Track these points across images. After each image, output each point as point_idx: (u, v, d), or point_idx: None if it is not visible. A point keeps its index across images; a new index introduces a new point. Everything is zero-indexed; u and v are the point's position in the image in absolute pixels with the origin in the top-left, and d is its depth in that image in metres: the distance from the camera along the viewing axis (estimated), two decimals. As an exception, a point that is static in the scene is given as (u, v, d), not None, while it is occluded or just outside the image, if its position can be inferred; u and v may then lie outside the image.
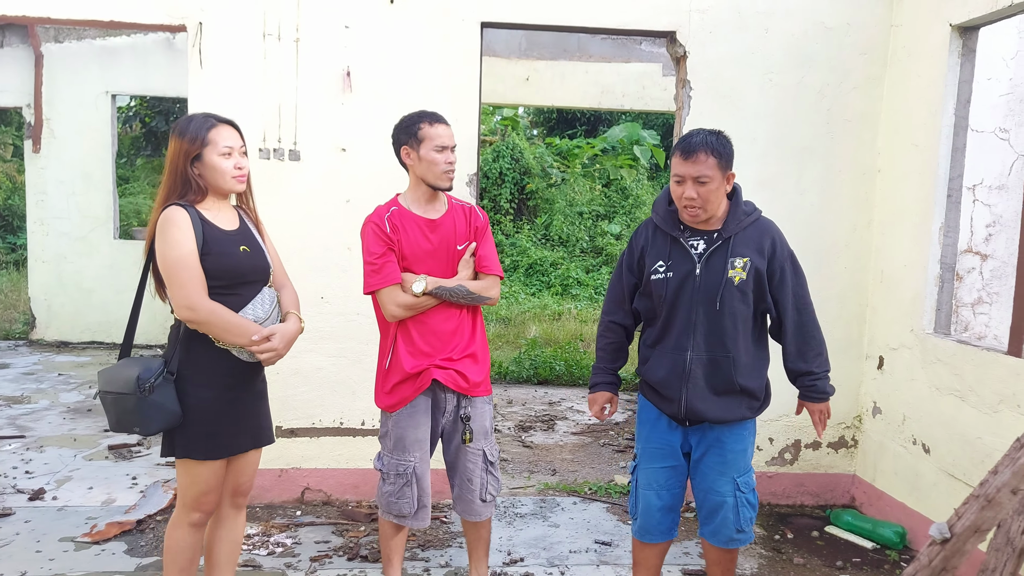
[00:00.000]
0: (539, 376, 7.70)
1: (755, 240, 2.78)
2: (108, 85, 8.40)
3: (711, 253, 2.76)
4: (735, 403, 2.81)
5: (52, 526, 3.96)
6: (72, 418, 5.86)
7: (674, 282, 2.77)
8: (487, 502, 3.14)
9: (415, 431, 3.01)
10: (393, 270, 2.94)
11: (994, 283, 4.45)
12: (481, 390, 3.10)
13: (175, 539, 2.74)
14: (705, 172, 2.67)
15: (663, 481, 2.91)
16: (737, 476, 2.83)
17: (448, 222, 3.06)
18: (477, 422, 3.09)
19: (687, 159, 2.68)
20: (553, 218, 13.76)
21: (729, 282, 2.72)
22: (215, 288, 2.59)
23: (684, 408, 2.79)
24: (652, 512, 2.92)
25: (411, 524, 3.08)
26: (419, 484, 3.02)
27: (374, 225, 2.98)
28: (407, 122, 3.03)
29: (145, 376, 2.55)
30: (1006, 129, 4.36)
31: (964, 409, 3.64)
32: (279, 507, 4.30)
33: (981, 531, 2.71)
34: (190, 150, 2.60)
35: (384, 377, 3.05)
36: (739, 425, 2.85)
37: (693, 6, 4.25)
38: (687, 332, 2.77)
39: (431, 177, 2.99)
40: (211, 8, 4.07)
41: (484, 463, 3.11)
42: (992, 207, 4.41)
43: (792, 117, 4.35)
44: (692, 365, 2.77)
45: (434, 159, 2.96)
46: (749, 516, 2.86)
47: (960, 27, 3.83)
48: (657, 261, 2.82)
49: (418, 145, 2.98)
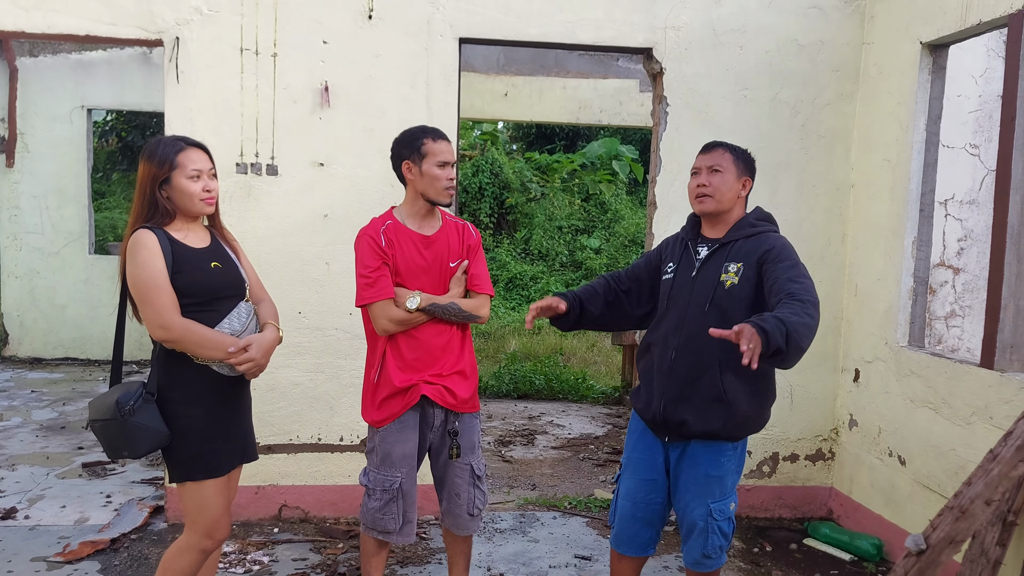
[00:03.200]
0: (519, 390, 7.69)
1: (754, 249, 2.76)
2: (83, 99, 8.34)
3: (708, 257, 2.83)
4: (715, 414, 2.71)
5: (24, 546, 3.89)
6: (45, 436, 5.77)
7: (674, 283, 2.87)
8: (474, 516, 3.13)
9: (403, 446, 3.00)
10: (387, 284, 2.93)
11: (966, 296, 4.51)
12: (469, 406, 3.10)
13: (182, 564, 2.68)
14: (719, 162, 2.82)
15: (641, 494, 2.90)
16: (712, 502, 2.77)
17: (442, 238, 3.06)
18: (465, 437, 3.08)
19: (706, 153, 2.86)
20: (533, 232, 13.80)
21: (720, 285, 2.75)
22: (190, 305, 2.58)
23: (662, 408, 2.77)
24: (626, 521, 2.92)
25: (396, 540, 3.05)
26: (405, 500, 3.01)
27: (369, 238, 2.96)
28: (409, 137, 3.02)
29: (124, 400, 2.55)
30: (976, 145, 4.44)
31: (938, 421, 3.68)
32: (256, 524, 4.25)
33: (956, 542, 2.74)
34: (158, 174, 2.60)
35: (373, 391, 3.03)
36: (717, 447, 2.77)
37: (669, 23, 4.30)
38: (676, 331, 2.81)
39: (432, 192, 2.98)
40: (188, 23, 4.06)
41: (471, 477, 3.10)
42: (964, 221, 4.48)
43: (767, 133, 4.41)
44: (676, 364, 2.78)
45: (436, 175, 2.96)
46: (718, 544, 2.80)
47: (930, 45, 3.90)
48: (669, 262, 2.95)
49: (420, 160, 2.96)
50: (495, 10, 4.21)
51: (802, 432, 4.57)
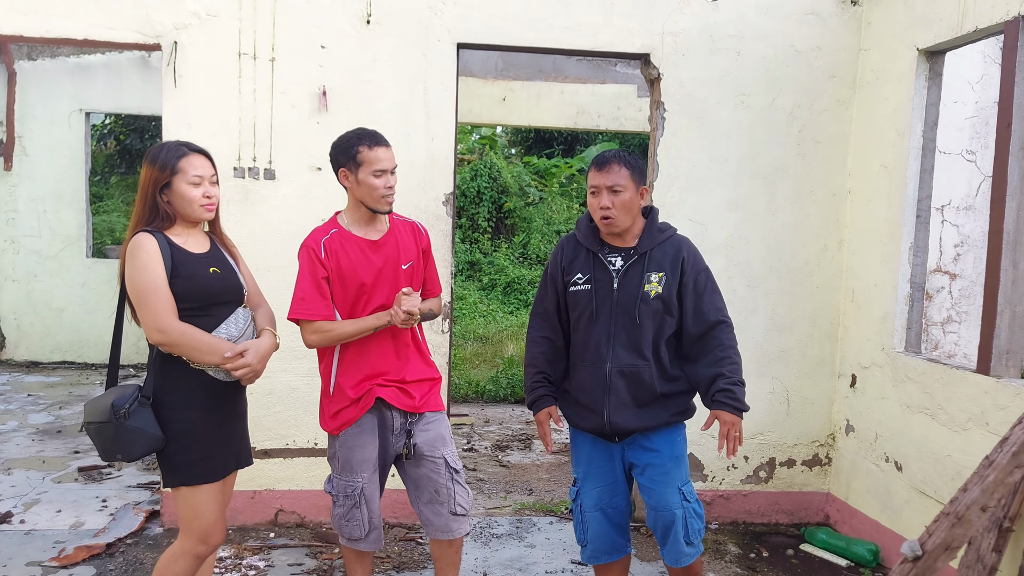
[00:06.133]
0: (516, 395, 7.68)
1: (670, 256, 2.89)
2: (82, 103, 8.34)
3: (627, 268, 2.87)
4: (657, 411, 2.88)
5: (19, 550, 3.88)
6: (41, 440, 5.76)
7: (593, 295, 2.88)
8: (459, 515, 3.00)
9: (362, 451, 2.92)
10: (318, 305, 2.84)
11: (963, 302, 4.52)
12: (430, 406, 3.01)
13: (176, 570, 2.67)
14: (619, 181, 2.82)
15: (607, 499, 2.95)
16: (681, 485, 2.88)
17: (391, 241, 2.97)
18: (431, 431, 2.98)
19: (601, 170, 2.85)
20: (531, 236, 13.80)
21: (645, 295, 2.84)
22: (188, 310, 2.59)
23: (608, 421, 2.86)
24: (602, 533, 2.95)
25: (363, 547, 2.99)
26: (368, 505, 2.94)
27: (310, 250, 2.89)
28: (345, 144, 2.91)
29: (119, 403, 2.55)
30: (972, 151, 4.46)
31: (934, 427, 3.68)
32: (252, 529, 4.25)
33: (952, 548, 2.74)
34: (159, 178, 2.61)
35: (328, 403, 2.98)
36: (669, 431, 2.92)
37: (666, 29, 4.31)
38: (607, 344, 2.86)
39: (370, 201, 2.89)
40: (186, 27, 4.06)
41: (448, 471, 2.98)
42: (960, 227, 4.49)
43: (764, 138, 4.42)
44: (612, 376, 2.85)
45: (373, 184, 2.86)
46: (697, 527, 2.89)
47: (927, 51, 3.91)
48: (576, 273, 2.93)
49: (356, 168, 2.86)
50: (493, 15, 4.22)
51: (799, 437, 4.57)
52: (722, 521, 4.56)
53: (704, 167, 4.39)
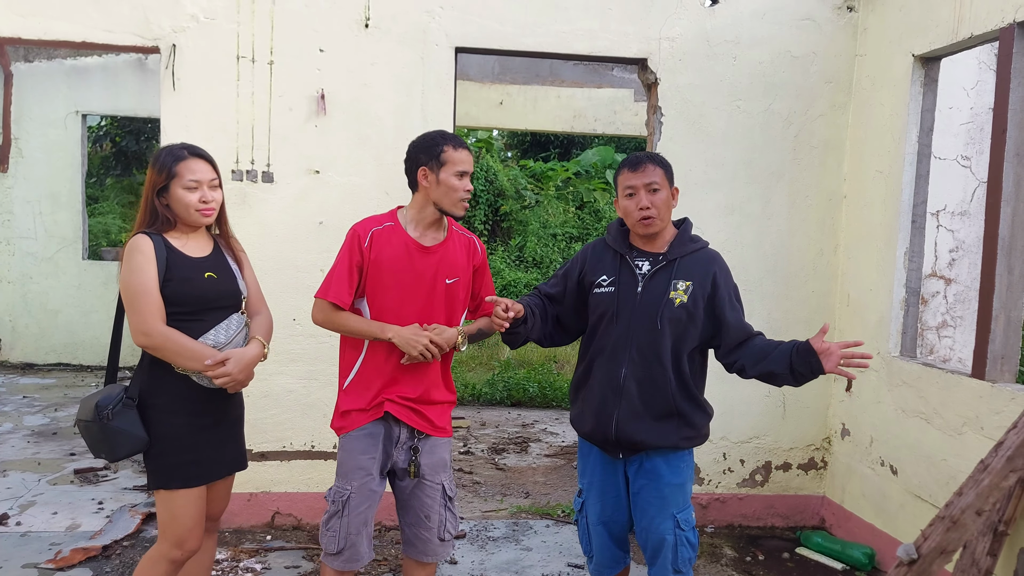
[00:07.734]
0: (513, 398, 7.69)
1: (700, 269, 2.81)
2: (78, 105, 8.33)
3: (654, 273, 2.79)
4: (669, 428, 2.75)
5: (15, 552, 3.87)
6: (36, 442, 5.75)
7: (615, 296, 2.80)
8: (445, 542, 2.88)
9: (360, 457, 2.78)
10: (337, 288, 2.76)
11: (958, 307, 4.53)
12: (438, 431, 2.87)
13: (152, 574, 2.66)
14: (655, 179, 2.76)
15: (610, 514, 2.90)
16: (677, 512, 2.78)
17: (442, 251, 2.83)
18: (435, 455, 2.86)
19: (636, 171, 2.78)
20: (527, 239, 13.81)
21: (670, 302, 2.74)
22: (178, 314, 2.58)
23: (615, 429, 2.75)
24: (606, 547, 2.93)
25: (334, 565, 2.77)
26: (348, 517, 2.73)
27: (356, 235, 2.78)
28: (429, 142, 2.79)
29: (103, 403, 2.56)
30: (967, 157, 4.47)
31: (929, 431, 3.70)
32: (248, 532, 4.24)
33: (947, 552, 2.76)
34: (157, 181, 2.62)
35: (341, 398, 2.86)
36: (676, 456, 2.80)
37: (663, 34, 4.32)
38: (624, 347, 2.77)
39: (447, 203, 2.77)
40: (184, 30, 4.07)
41: (443, 498, 2.86)
42: (955, 232, 4.51)
43: (760, 143, 4.43)
44: (626, 380, 2.76)
45: (454, 185, 2.75)
46: (687, 556, 2.80)
47: (922, 57, 3.93)
48: (601, 275, 2.86)
49: (439, 168, 2.74)
50: (491, 20, 4.23)
51: (794, 441, 4.58)
52: (718, 525, 4.57)
53: (700, 171, 4.40)
